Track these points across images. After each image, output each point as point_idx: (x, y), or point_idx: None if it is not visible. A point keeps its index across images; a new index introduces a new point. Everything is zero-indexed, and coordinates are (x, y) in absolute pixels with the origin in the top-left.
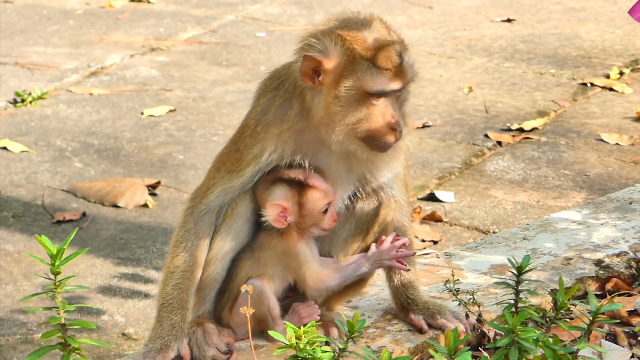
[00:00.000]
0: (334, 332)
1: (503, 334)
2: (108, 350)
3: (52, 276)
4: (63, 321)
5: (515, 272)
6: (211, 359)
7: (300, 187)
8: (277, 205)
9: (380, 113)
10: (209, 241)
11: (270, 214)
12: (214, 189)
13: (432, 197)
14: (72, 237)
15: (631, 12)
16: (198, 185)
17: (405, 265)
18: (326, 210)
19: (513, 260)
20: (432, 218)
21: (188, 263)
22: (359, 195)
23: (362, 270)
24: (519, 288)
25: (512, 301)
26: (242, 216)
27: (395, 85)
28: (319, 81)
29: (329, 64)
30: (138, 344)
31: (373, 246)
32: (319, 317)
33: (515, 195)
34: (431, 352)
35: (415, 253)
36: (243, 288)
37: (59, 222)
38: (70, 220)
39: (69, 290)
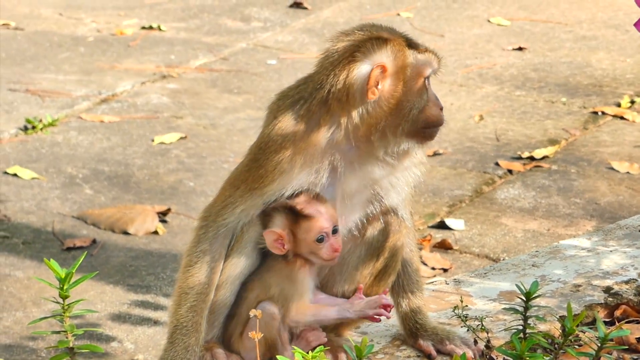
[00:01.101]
0: (342, 357)
1: (511, 359)
2: None
3: (60, 300)
4: (71, 345)
5: (523, 298)
6: None
7: (295, 216)
8: (272, 233)
9: (432, 96)
10: (222, 263)
11: (268, 240)
12: (232, 209)
13: (442, 225)
14: (80, 262)
15: (637, 24)
16: (209, 203)
17: (384, 317)
18: (321, 239)
19: (521, 287)
20: (443, 246)
21: (203, 285)
22: (369, 219)
23: (346, 315)
24: (528, 314)
25: (521, 327)
26: (252, 240)
27: (436, 63)
28: (378, 90)
29: (390, 66)
30: None
31: (359, 295)
32: (325, 340)
33: (525, 223)
34: None
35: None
36: (252, 313)
37: (69, 248)
38: (80, 247)
39: (78, 314)
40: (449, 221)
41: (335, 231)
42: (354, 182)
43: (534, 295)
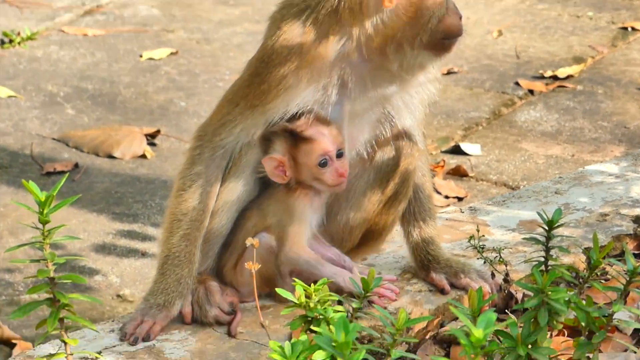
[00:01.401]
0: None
1: (532, 294)
2: (101, 313)
3: (40, 226)
4: (52, 274)
5: (545, 227)
6: (213, 319)
7: (295, 139)
8: (272, 159)
9: (452, 4)
10: (218, 188)
11: (268, 168)
12: (230, 127)
13: (457, 150)
14: (61, 186)
15: None
16: (204, 121)
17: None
18: (324, 163)
19: (543, 215)
20: (457, 172)
21: (198, 211)
22: (379, 141)
23: (338, 281)
24: (550, 245)
25: (542, 259)
26: (251, 164)
27: None
28: None
29: None
30: (134, 306)
31: (357, 269)
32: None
33: (547, 148)
34: (453, 310)
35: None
36: (249, 241)
37: (48, 173)
38: (61, 172)
39: (59, 241)
40: (464, 146)
41: (340, 154)
42: (364, 100)
43: (556, 225)
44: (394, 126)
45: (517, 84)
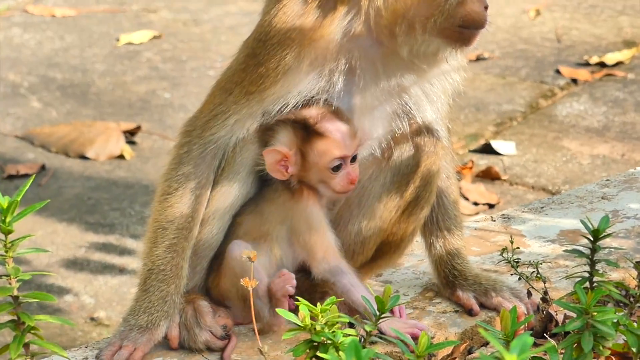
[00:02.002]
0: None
1: (574, 315)
2: (73, 338)
3: (2, 236)
4: (15, 293)
5: (590, 238)
6: (204, 345)
7: (307, 132)
8: (275, 152)
9: None
10: (209, 191)
11: (268, 161)
12: (223, 120)
13: (487, 149)
14: (25, 190)
15: None
16: (193, 114)
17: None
18: (338, 167)
19: (587, 223)
20: (488, 175)
21: (186, 218)
22: (396, 137)
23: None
24: (595, 258)
25: (586, 275)
26: (248, 164)
27: None
28: None
29: None
30: (111, 331)
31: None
32: (293, 290)
33: (593, 147)
34: (483, 334)
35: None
36: (245, 254)
37: (10, 177)
38: (26, 175)
39: (23, 254)
40: (496, 144)
41: (354, 158)
42: (376, 89)
43: (603, 235)
44: (413, 120)
45: (557, 72)
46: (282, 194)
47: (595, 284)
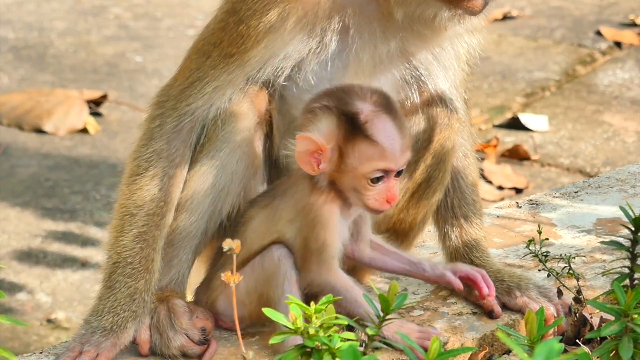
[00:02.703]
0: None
1: (612, 318)
2: (26, 343)
3: None
4: None
5: (631, 228)
6: (178, 350)
7: (353, 128)
8: (310, 140)
9: None
10: (185, 171)
11: (299, 148)
12: (200, 87)
13: (515, 124)
14: None
15: None
16: (167, 82)
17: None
18: (378, 179)
19: (628, 211)
20: (515, 155)
21: (157, 202)
22: (404, 109)
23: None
24: (637, 251)
25: (626, 271)
26: (237, 138)
27: None
28: None
29: None
30: (71, 335)
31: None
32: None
33: None
34: (504, 339)
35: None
36: (227, 244)
37: None
38: None
39: None
40: (525, 118)
41: (399, 174)
42: (376, 52)
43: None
44: (424, 88)
45: (598, 33)
46: (301, 188)
47: (636, 282)
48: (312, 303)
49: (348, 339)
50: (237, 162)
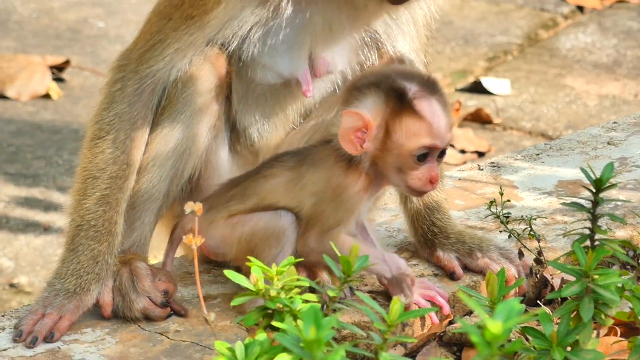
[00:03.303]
0: (324, 276)
1: (572, 279)
2: None
3: None
4: None
5: (591, 189)
6: (141, 313)
7: (401, 105)
8: (358, 116)
9: None
10: (147, 134)
11: (345, 125)
12: (161, 50)
13: (477, 88)
14: None
15: None
16: (128, 46)
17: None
18: (424, 156)
19: (589, 172)
20: (478, 118)
21: (120, 165)
22: (365, 70)
23: (384, 274)
24: (598, 213)
25: (587, 232)
26: (198, 101)
27: None
28: None
29: None
30: (33, 299)
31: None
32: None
33: (602, 85)
34: (465, 300)
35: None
36: (188, 207)
37: None
38: None
39: None
40: (487, 82)
41: (442, 154)
42: (332, 16)
43: (607, 185)
44: (383, 50)
45: None
46: (333, 167)
47: (597, 243)
48: (273, 265)
49: (309, 301)
50: (198, 125)
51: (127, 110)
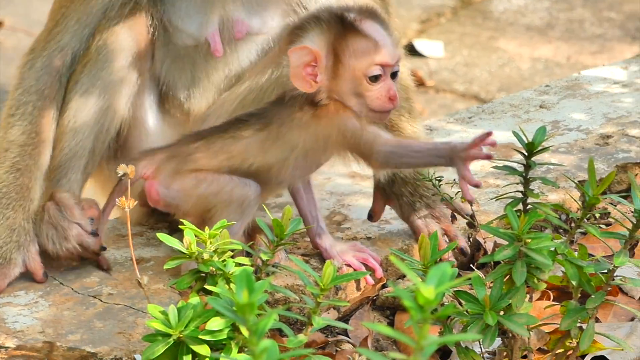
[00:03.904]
0: (260, 240)
1: (505, 243)
2: None
3: None
4: None
5: (524, 152)
6: (76, 241)
7: (344, 28)
8: (305, 50)
9: None
10: (59, 103)
11: (294, 62)
12: (65, 23)
13: (410, 50)
14: None
15: None
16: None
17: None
18: (377, 77)
19: (521, 135)
20: None
21: (28, 134)
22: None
23: (439, 161)
24: (530, 176)
25: (519, 196)
26: (118, 62)
27: None
28: None
29: None
30: None
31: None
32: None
33: (534, 47)
34: (396, 262)
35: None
36: (121, 169)
37: None
38: None
39: None
40: (420, 44)
41: (394, 74)
42: None
43: (539, 149)
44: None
45: None
46: (303, 115)
47: (529, 207)
48: (206, 228)
49: (242, 264)
50: (119, 85)
51: (34, 84)
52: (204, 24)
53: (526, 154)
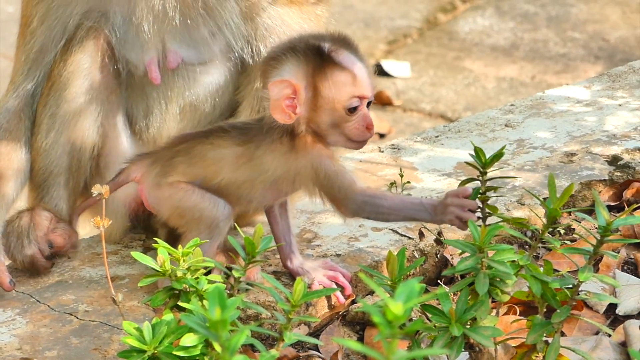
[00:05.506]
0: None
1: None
2: None
3: None
4: None
5: (480, 168)
6: (29, 259)
7: (322, 61)
8: (285, 83)
9: None
10: (21, 132)
11: (274, 96)
12: (20, 67)
13: (378, 70)
14: None
15: None
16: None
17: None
18: (355, 108)
19: (479, 153)
20: (378, 100)
21: None
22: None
23: (421, 216)
24: (495, 195)
25: (487, 214)
26: (82, 77)
27: None
28: None
29: None
30: None
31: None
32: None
33: (499, 68)
34: (365, 279)
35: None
36: (96, 189)
37: None
38: None
39: None
40: (387, 64)
41: (369, 104)
42: (184, 10)
43: (491, 160)
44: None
45: None
46: (281, 147)
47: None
48: (179, 247)
49: (214, 281)
50: (84, 104)
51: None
52: (141, 53)
53: (480, 169)
